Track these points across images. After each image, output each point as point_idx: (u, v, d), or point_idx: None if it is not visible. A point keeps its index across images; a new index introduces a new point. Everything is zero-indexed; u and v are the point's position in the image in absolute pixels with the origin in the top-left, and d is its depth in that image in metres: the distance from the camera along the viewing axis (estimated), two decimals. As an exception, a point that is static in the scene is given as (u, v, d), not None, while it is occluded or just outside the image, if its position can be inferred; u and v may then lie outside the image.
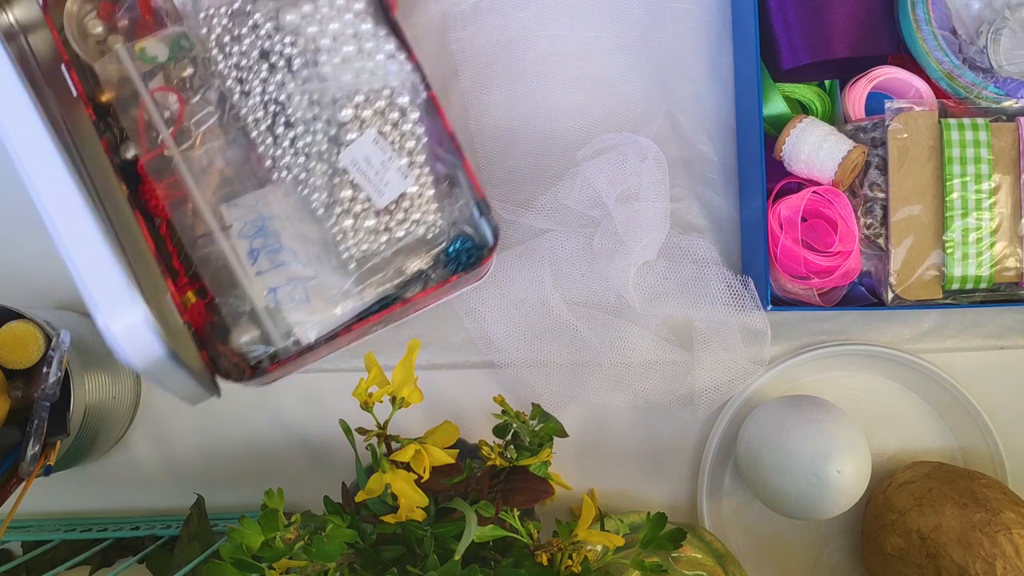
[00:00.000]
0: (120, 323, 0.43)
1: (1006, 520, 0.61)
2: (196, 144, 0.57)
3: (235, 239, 0.55)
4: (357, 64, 0.58)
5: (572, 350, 0.69)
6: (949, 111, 0.66)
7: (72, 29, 0.58)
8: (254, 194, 0.57)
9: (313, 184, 0.57)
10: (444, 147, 0.59)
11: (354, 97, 0.57)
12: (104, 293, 0.43)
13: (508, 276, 0.70)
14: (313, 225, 0.57)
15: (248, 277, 0.55)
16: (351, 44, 0.58)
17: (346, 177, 0.57)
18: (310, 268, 0.56)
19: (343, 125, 0.57)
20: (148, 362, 0.44)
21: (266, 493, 0.47)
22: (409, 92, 0.58)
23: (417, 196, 0.58)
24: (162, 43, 0.57)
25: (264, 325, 0.55)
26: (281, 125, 0.57)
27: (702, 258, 0.69)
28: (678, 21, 0.72)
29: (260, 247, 0.56)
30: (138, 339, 0.43)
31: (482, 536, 0.49)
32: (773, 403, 0.66)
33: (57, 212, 0.44)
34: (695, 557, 0.61)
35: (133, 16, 0.59)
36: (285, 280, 0.56)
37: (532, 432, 0.58)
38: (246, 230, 0.56)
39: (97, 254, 0.44)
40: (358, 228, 0.57)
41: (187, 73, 0.58)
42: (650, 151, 0.67)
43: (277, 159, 0.57)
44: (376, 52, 0.58)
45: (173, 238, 0.57)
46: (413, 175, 0.57)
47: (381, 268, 0.57)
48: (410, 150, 0.58)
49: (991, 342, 0.73)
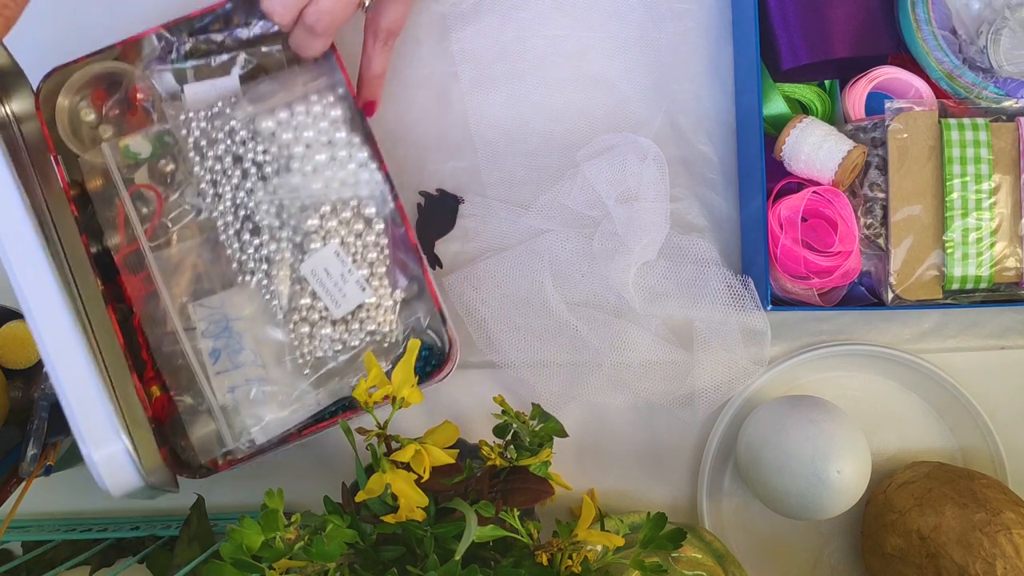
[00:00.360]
0: (101, 453, 0.48)
1: (1006, 520, 0.61)
2: (172, 241, 0.60)
3: (199, 339, 0.59)
4: (328, 173, 0.60)
5: (572, 350, 0.70)
6: (949, 111, 0.66)
7: (64, 122, 0.60)
8: (220, 295, 0.59)
9: (274, 290, 0.59)
10: (408, 256, 0.61)
11: (320, 207, 0.60)
12: (89, 425, 0.48)
13: (508, 276, 0.70)
14: (274, 328, 0.59)
15: (208, 378, 0.58)
16: (324, 152, 0.60)
17: (306, 286, 0.59)
18: (269, 370, 0.59)
19: (308, 234, 0.60)
20: (125, 491, 0.49)
21: (266, 493, 0.47)
22: (377, 203, 0.61)
23: (375, 307, 0.60)
24: (146, 140, 0.60)
25: (220, 425, 0.58)
26: (247, 231, 0.60)
27: (702, 258, 0.69)
28: (678, 21, 0.72)
29: (222, 347, 0.59)
30: (117, 470, 0.48)
31: (482, 536, 0.49)
32: (773, 403, 0.66)
33: (54, 348, 0.49)
34: (695, 557, 0.61)
35: (123, 107, 0.61)
36: (243, 381, 0.58)
37: (532, 432, 0.58)
38: (210, 330, 0.59)
39: (86, 390, 0.48)
40: (314, 335, 0.60)
41: (169, 169, 0.61)
42: (650, 151, 0.67)
43: (243, 263, 0.60)
44: (348, 161, 0.61)
45: (143, 330, 0.60)
46: (372, 287, 0.60)
47: (338, 372, 0.60)
48: (371, 261, 0.60)
49: (991, 342, 0.73)
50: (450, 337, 0.61)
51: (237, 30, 0.62)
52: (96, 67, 0.61)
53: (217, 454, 0.59)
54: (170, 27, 0.61)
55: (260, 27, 0.62)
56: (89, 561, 0.65)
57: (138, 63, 0.61)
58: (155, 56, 0.61)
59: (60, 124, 0.60)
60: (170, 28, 0.61)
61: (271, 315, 0.59)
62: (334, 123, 0.60)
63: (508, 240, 0.71)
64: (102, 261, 0.60)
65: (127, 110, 0.61)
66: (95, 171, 0.60)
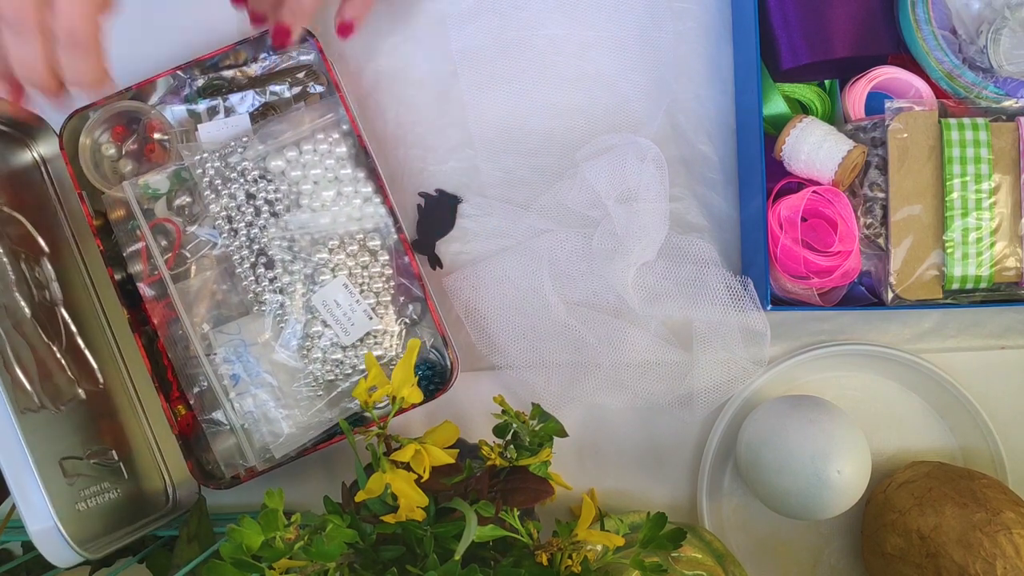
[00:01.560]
0: (37, 527, 0.54)
1: (1006, 520, 0.61)
2: (192, 271, 0.64)
3: (220, 364, 0.63)
4: (335, 208, 0.64)
5: (572, 350, 0.69)
6: (949, 111, 0.66)
7: (86, 159, 0.65)
8: (237, 322, 0.64)
9: (288, 319, 0.63)
10: (413, 284, 0.65)
11: (329, 241, 0.64)
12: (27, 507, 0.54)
13: (508, 276, 0.70)
14: (289, 354, 0.64)
15: (229, 400, 0.63)
16: (331, 188, 0.64)
17: (317, 315, 0.63)
18: (284, 392, 0.63)
19: (318, 267, 0.64)
20: (59, 559, 0.55)
21: (266, 493, 0.47)
22: (381, 235, 0.65)
23: (382, 333, 0.64)
24: (163, 176, 0.64)
25: (241, 442, 0.63)
26: (261, 265, 0.64)
27: (701, 258, 0.69)
28: (678, 21, 0.72)
29: (241, 371, 0.63)
30: (49, 542, 0.54)
31: (482, 536, 0.49)
32: (773, 403, 0.66)
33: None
34: (695, 557, 0.61)
35: (141, 143, 0.66)
36: (261, 402, 0.63)
37: (532, 432, 0.58)
38: (229, 355, 0.64)
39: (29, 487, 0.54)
40: (326, 360, 0.64)
41: (186, 202, 0.65)
42: (649, 152, 0.67)
43: (258, 294, 0.64)
44: (354, 196, 0.65)
45: (167, 353, 0.65)
46: (378, 316, 0.64)
47: (347, 392, 0.64)
48: (377, 291, 0.64)
49: (991, 342, 0.73)
50: (452, 359, 0.64)
51: (246, 67, 0.67)
52: (115, 106, 0.65)
53: (239, 468, 0.64)
54: (183, 68, 0.65)
55: (269, 63, 0.67)
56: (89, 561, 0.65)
57: (153, 100, 0.67)
58: (169, 92, 0.66)
59: (83, 161, 0.65)
60: (183, 69, 0.65)
61: (286, 342, 0.63)
62: (340, 160, 0.64)
63: (508, 240, 0.71)
64: (126, 288, 0.65)
65: (145, 145, 0.66)
66: (117, 204, 0.64)
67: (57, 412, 0.59)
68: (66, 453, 0.58)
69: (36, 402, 0.57)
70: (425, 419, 0.70)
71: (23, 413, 0.55)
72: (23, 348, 0.58)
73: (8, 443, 0.54)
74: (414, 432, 0.54)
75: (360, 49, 0.71)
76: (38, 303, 0.61)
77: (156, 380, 0.64)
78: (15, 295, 0.59)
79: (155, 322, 0.64)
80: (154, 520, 0.63)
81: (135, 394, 0.67)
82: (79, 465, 0.59)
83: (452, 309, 0.70)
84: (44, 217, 0.65)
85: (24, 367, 0.57)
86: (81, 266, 0.67)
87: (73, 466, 0.58)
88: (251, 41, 0.65)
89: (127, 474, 0.64)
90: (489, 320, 0.70)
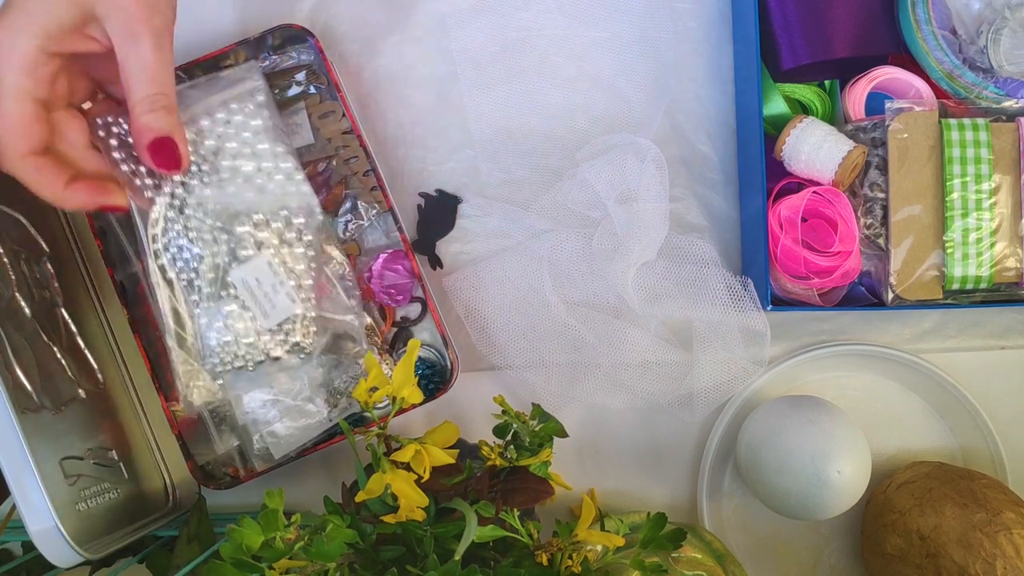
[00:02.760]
0: (37, 527, 0.54)
1: (1006, 520, 0.61)
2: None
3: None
4: (258, 181, 0.59)
5: (572, 351, 0.69)
6: (949, 111, 0.66)
7: None
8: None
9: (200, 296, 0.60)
10: (415, 286, 0.65)
11: (254, 215, 0.59)
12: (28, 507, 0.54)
13: (508, 276, 0.70)
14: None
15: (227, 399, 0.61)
16: (250, 162, 0.59)
17: (233, 293, 0.59)
18: (281, 391, 0.62)
19: (240, 240, 0.59)
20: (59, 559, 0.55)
21: (266, 493, 0.47)
22: (304, 214, 0.60)
23: (302, 319, 0.60)
24: None
25: (243, 442, 0.63)
26: (187, 236, 0.58)
27: (702, 258, 0.69)
28: (678, 21, 0.72)
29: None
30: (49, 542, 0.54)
31: (482, 536, 0.49)
32: (773, 403, 0.66)
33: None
34: (695, 557, 0.61)
35: None
36: (261, 403, 0.61)
37: (532, 432, 0.58)
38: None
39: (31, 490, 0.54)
40: (238, 343, 0.59)
41: None
42: (649, 152, 0.67)
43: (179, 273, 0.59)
44: (275, 172, 0.60)
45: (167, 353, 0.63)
46: (299, 299, 0.60)
47: (344, 391, 0.64)
48: (299, 273, 0.60)
49: (991, 342, 0.73)
50: (452, 359, 0.64)
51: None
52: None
53: (239, 468, 0.64)
54: (183, 68, 0.65)
55: (269, 63, 0.67)
56: (89, 561, 0.65)
57: None
58: None
59: None
60: (183, 69, 0.65)
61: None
62: (256, 134, 0.59)
63: (508, 240, 0.71)
64: (125, 288, 0.65)
65: None
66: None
67: (57, 412, 0.59)
68: (66, 453, 0.58)
69: (36, 402, 0.57)
70: (425, 419, 0.70)
71: (23, 413, 0.55)
72: (23, 348, 0.58)
73: (8, 443, 0.53)
74: (414, 432, 0.54)
75: (360, 49, 0.71)
76: (38, 303, 0.61)
77: (156, 380, 0.64)
78: (15, 295, 0.59)
79: (153, 321, 0.63)
80: (154, 520, 0.63)
81: (135, 394, 0.67)
82: (79, 465, 0.59)
83: (452, 309, 0.70)
84: (44, 217, 0.65)
85: (24, 367, 0.57)
86: (81, 266, 0.67)
87: (73, 466, 0.58)
88: (251, 41, 0.65)
89: (127, 474, 0.64)
90: (489, 320, 0.69)
